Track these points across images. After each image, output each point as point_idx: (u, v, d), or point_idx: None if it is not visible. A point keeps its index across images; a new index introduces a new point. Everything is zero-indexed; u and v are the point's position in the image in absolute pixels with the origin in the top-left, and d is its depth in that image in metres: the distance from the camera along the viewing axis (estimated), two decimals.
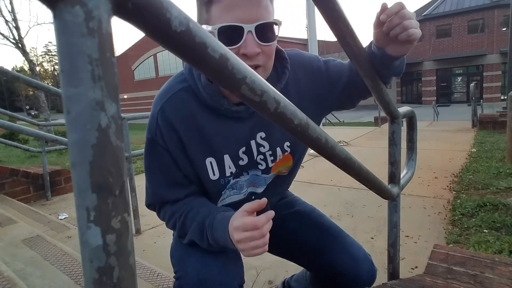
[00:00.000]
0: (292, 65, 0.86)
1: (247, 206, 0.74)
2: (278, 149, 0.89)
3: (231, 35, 0.68)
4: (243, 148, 0.86)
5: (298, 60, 0.89)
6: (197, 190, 0.89)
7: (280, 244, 1.05)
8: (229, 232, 0.74)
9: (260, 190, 0.94)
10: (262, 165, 0.89)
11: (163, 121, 0.80)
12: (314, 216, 1.07)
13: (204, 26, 0.73)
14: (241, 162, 0.87)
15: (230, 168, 0.86)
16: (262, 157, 0.88)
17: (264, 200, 0.74)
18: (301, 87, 0.88)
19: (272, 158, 0.89)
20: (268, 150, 0.88)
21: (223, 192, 0.90)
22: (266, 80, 0.81)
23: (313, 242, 1.01)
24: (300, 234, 1.04)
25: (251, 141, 0.86)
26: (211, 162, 0.84)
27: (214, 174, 0.85)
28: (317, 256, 1.00)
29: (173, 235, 1.01)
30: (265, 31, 0.70)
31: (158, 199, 0.87)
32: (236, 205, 0.93)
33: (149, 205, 0.91)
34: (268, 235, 0.72)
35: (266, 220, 0.71)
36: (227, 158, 0.85)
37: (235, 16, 0.68)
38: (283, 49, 0.86)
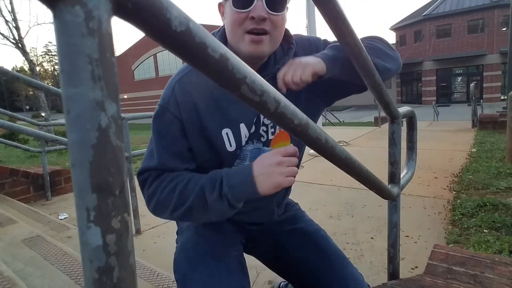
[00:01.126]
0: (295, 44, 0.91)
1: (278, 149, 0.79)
2: None
3: (243, 0, 0.76)
4: (256, 118, 0.88)
5: (299, 41, 0.93)
6: (195, 169, 0.89)
7: (277, 260, 1.03)
8: (259, 163, 0.76)
9: None
10: (263, 137, 0.91)
11: (181, 91, 0.83)
12: (317, 238, 1.01)
13: None
14: (251, 130, 0.89)
15: (245, 136, 0.88)
16: (265, 128, 0.91)
17: (295, 149, 0.78)
18: None
19: (272, 130, 0.92)
20: (271, 123, 0.91)
21: (235, 163, 0.91)
22: (274, 54, 0.85)
23: (310, 266, 0.96)
24: (299, 254, 0.99)
25: None
26: (227, 133, 0.86)
27: (231, 146, 0.87)
28: (311, 281, 0.95)
29: (177, 242, 0.99)
30: (275, 1, 0.77)
31: (163, 166, 0.84)
32: None
33: (145, 171, 0.85)
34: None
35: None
36: (243, 127, 0.87)
37: None
38: (287, 28, 0.89)
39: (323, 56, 0.80)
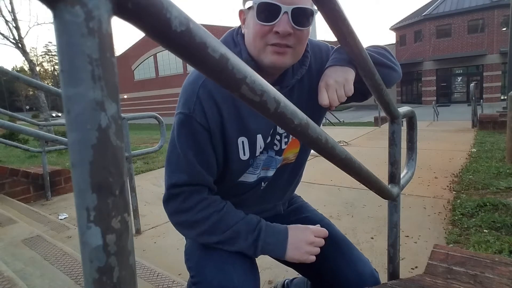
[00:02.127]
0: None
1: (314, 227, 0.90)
2: None
3: (268, 12, 0.73)
4: (273, 129, 0.87)
5: (311, 47, 0.90)
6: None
7: None
8: (295, 234, 0.85)
9: (270, 173, 0.94)
10: (277, 146, 0.90)
11: (206, 96, 0.78)
12: (323, 225, 1.01)
13: (248, 2, 0.77)
14: (267, 141, 0.88)
15: (261, 147, 0.87)
16: (278, 137, 0.90)
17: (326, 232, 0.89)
18: (312, 74, 0.90)
19: (286, 140, 0.91)
20: (285, 132, 0.90)
21: (247, 171, 0.90)
22: (292, 65, 0.83)
23: (319, 253, 0.95)
24: None
25: None
26: (243, 142, 0.84)
27: (244, 154, 0.85)
28: (320, 268, 0.96)
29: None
30: (301, 16, 0.74)
31: (197, 179, 0.82)
32: (244, 190, 0.93)
33: (176, 187, 0.82)
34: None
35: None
36: (259, 138, 0.85)
37: None
38: None
39: (343, 62, 0.81)
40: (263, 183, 0.95)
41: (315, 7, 0.75)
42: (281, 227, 0.88)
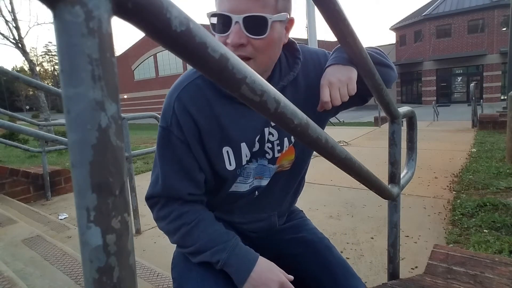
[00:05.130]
0: (302, 58, 0.87)
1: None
2: (285, 139, 0.88)
3: (221, 24, 0.70)
4: (258, 136, 0.85)
5: (307, 55, 0.89)
6: (208, 190, 0.88)
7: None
8: (263, 273, 0.79)
9: (264, 182, 0.92)
10: (269, 154, 0.88)
11: (181, 110, 0.78)
12: (320, 248, 0.97)
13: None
14: (254, 149, 0.86)
15: (246, 156, 0.85)
16: (270, 145, 0.88)
17: None
18: (310, 81, 0.88)
19: (278, 148, 0.88)
20: (277, 140, 0.88)
21: (237, 180, 0.89)
22: (279, 68, 0.82)
23: (312, 277, 0.92)
24: (299, 263, 0.95)
25: (265, 128, 0.85)
26: (227, 152, 0.83)
27: (230, 164, 0.84)
28: None
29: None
30: (256, 24, 0.69)
31: (168, 192, 0.83)
32: (236, 199, 0.92)
33: (152, 197, 0.85)
34: None
35: None
36: (244, 146, 0.84)
37: (226, 5, 0.69)
38: (295, 41, 0.86)
39: (345, 61, 0.80)
40: (256, 192, 0.93)
41: (276, 15, 0.71)
42: (250, 255, 0.82)
